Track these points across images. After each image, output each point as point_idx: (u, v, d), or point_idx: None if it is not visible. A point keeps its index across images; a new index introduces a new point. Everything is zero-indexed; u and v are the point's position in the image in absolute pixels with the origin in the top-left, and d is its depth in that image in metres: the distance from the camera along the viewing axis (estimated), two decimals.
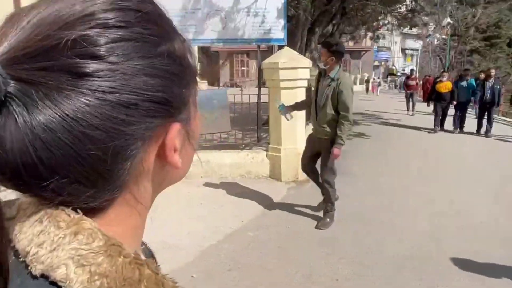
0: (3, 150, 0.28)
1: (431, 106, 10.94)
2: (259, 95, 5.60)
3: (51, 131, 0.28)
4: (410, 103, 14.89)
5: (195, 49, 5.33)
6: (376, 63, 50.06)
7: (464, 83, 9.37)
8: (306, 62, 5.27)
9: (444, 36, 32.32)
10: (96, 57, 0.29)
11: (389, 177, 5.82)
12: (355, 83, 35.91)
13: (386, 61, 53.05)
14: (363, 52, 42.04)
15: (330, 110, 3.62)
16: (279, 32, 5.34)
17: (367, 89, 31.65)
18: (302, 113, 5.52)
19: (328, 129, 3.71)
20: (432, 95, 10.75)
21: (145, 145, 0.33)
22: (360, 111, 16.12)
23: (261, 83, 5.54)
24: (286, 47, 5.35)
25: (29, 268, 0.30)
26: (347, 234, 3.83)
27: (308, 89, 5.33)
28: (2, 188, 0.31)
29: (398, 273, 3.09)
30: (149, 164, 0.35)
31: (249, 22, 5.27)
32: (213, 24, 5.21)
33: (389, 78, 45.67)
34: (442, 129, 10.17)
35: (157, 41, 0.33)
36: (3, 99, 0.27)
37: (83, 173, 0.31)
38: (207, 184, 5.25)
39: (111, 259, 0.31)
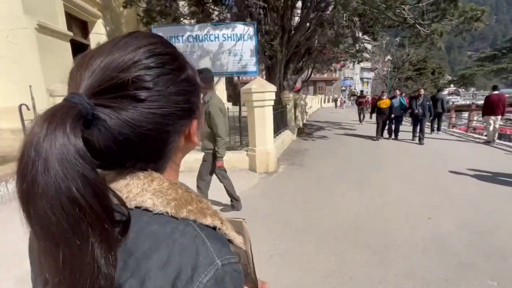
0: (94, 148, 0.32)
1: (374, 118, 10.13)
2: (240, 111, 5.19)
3: (123, 134, 0.33)
4: (361, 116, 14.21)
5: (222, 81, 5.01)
6: (343, 88, 50.51)
7: (395, 101, 8.66)
8: (272, 87, 4.84)
9: (386, 69, 31.76)
10: (146, 88, 0.34)
11: (333, 168, 5.32)
12: (327, 102, 35.56)
13: (350, 86, 53.04)
14: (334, 81, 41.37)
15: (206, 128, 2.92)
16: (252, 67, 4.93)
17: (335, 105, 31.79)
18: (271, 122, 5.11)
19: (209, 144, 2.98)
20: (374, 109, 9.88)
21: (180, 134, 0.39)
22: (327, 120, 15.54)
23: (241, 103, 5.12)
24: (258, 77, 4.95)
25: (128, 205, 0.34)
26: (292, 210, 3.39)
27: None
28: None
29: (329, 241, 2.65)
30: (181, 143, 0.41)
31: (230, 60, 4.88)
32: (204, 62, 4.84)
33: (351, 98, 45.45)
34: (381, 137, 8.92)
35: (180, 72, 0.38)
36: (91, 118, 0.31)
37: (146, 155, 0.37)
38: None
39: (175, 191, 0.37)
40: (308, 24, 7.70)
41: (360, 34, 11.67)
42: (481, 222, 3.04)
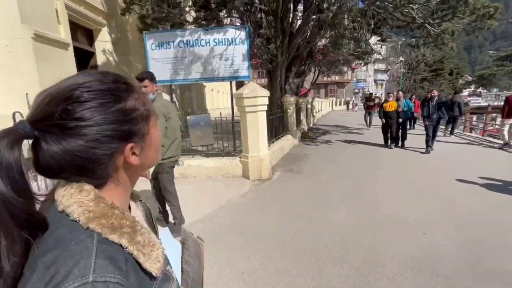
0: (40, 163, 0.41)
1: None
2: (232, 117, 5.07)
3: (58, 154, 0.40)
4: (368, 120, 13.39)
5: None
6: (356, 90, 49.86)
7: (400, 104, 7.65)
8: (264, 92, 4.68)
9: (401, 70, 30.79)
10: (73, 119, 0.40)
11: (330, 176, 5.06)
12: (339, 104, 34.81)
13: (364, 88, 52.18)
14: (346, 83, 40.61)
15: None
16: (244, 71, 4.79)
17: (347, 108, 30.87)
18: (264, 128, 4.94)
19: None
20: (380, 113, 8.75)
21: (112, 155, 0.44)
22: (335, 123, 15.14)
23: (233, 108, 4.99)
24: (251, 82, 4.80)
25: (58, 208, 0.42)
26: (276, 222, 3.19)
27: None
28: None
29: (308, 257, 2.45)
30: (120, 163, 0.46)
31: (222, 65, 4.77)
32: (196, 67, 4.77)
33: (365, 99, 44.68)
34: (390, 144, 7.66)
35: (112, 105, 0.43)
36: (34, 139, 0.41)
37: (80, 171, 0.42)
38: (196, 181, 4.80)
39: (97, 204, 0.42)
40: (308, 27, 7.50)
41: (368, 36, 11.35)
42: (483, 241, 2.73)
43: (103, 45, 8.55)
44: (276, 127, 6.83)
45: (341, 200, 3.84)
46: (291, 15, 7.51)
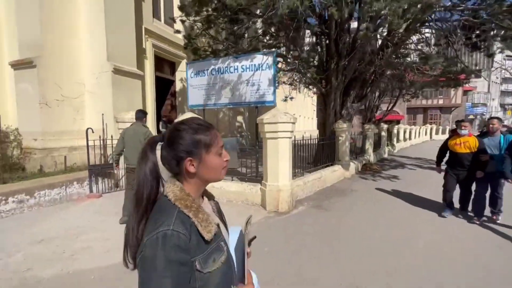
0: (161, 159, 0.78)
1: None
2: (257, 143, 4.92)
3: (162, 156, 0.77)
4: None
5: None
6: (472, 116, 40.63)
7: (490, 141, 3.95)
8: (286, 118, 4.35)
9: None
10: (165, 146, 0.77)
11: (361, 221, 4.09)
12: (441, 133, 28.76)
13: (483, 114, 42.15)
14: (453, 108, 33.45)
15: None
16: (270, 96, 4.62)
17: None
18: (286, 157, 4.54)
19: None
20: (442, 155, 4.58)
21: (178, 165, 0.75)
22: (422, 156, 12.47)
23: (258, 133, 4.86)
24: (276, 107, 4.58)
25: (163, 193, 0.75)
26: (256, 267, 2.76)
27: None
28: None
29: None
30: (183, 169, 0.75)
31: (248, 90, 4.75)
32: (225, 93, 4.93)
33: (484, 129, 35.34)
34: (450, 210, 4.33)
35: (176, 141, 0.75)
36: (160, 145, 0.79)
37: (170, 166, 0.77)
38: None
39: (181, 192, 0.73)
40: (367, 48, 6.67)
41: (461, 52, 9.15)
42: None
43: (181, 75, 10.06)
44: (322, 155, 6.20)
45: (351, 255, 3.03)
46: (348, 35, 6.89)
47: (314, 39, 7.34)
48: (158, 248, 0.63)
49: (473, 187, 4.16)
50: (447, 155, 4.43)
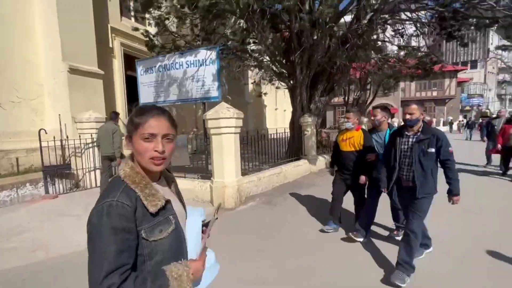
0: None
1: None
2: (205, 139, 4.85)
3: None
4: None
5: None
6: (468, 107, 40.28)
7: (375, 136, 3.15)
8: (229, 113, 4.27)
9: None
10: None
11: (310, 215, 3.99)
12: (437, 125, 28.50)
13: (479, 105, 41.72)
14: (447, 100, 33.04)
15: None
16: (214, 92, 4.53)
17: (450, 129, 26.87)
18: (231, 153, 4.47)
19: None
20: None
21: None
22: None
23: (205, 130, 4.79)
24: (222, 103, 4.49)
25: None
26: None
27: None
28: None
29: None
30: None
31: (194, 86, 4.67)
32: (173, 89, 4.86)
33: (480, 120, 34.96)
34: None
35: (131, 118, 0.82)
36: None
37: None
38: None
39: (131, 170, 0.79)
40: (328, 41, 6.53)
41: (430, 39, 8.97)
42: None
43: None
44: (292, 150, 6.13)
45: (282, 251, 2.96)
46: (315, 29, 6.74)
47: (277, 32, 7.21)
48: (103, 216, 0.69)
49: None
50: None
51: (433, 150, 2.24)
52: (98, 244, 0.67)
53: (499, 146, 5.91)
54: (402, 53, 8.54)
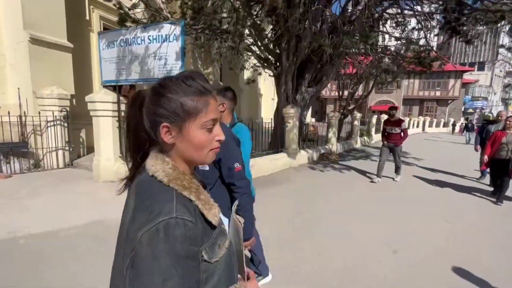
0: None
1: None
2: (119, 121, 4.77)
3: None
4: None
5: None
6: (471, 110, 39.83)
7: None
8: (106, 97, 4.56)
9: None
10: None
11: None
12: (436, 126, 27.90)
13: (483, 108, 41.23)
14: (450, 101, 32.22)
15: None
16: (177, 72, 4.03)
17: (453, 131, 26.22)
18: (109, 134, 4.71)
19: None
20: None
21: (157, 132, 0.61)
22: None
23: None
24: (103, 89, 4.46)
25: (149, 173, 0.59)
26: None
27: None
28: None
29: None
30: (161, 139, 0.61)
31: (156, 65, 4.18)
32: (134, 67, 4.37)
33: (482, 124, 34.39)
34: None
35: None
36: None
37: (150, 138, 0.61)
38: None
39: (173, 170, 0.58)
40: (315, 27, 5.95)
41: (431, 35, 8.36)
42: None
43: None
44: (275, 141, 5.70)
45: None
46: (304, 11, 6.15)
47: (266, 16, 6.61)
48: (161, 242, 0.49)
49: None
50: None
51: None
52: (153, 282, 0.48)
53: (485, 157, 4.58)
54: (399, 44, 7.94)
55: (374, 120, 13.19)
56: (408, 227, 3.45)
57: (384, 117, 10.78)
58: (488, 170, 5.18)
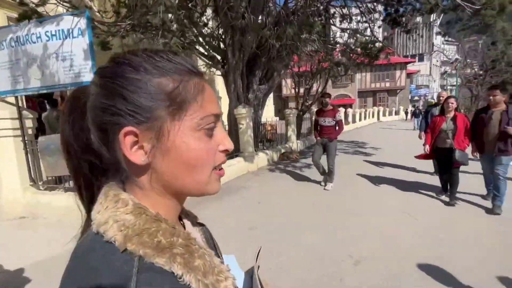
0: None
1: None
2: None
3: None
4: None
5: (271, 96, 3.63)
6: (416, 98, 43.95)
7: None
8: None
9: (476, 70, 24.32)
10: None
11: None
12: (389, 115, 29.83)
13: (426, 95, 45.77)
14: (398, 90, 34.78)
15: None
16: (88, 75, 3.24)
17: (406, 117, 28.09)
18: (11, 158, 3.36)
19: None
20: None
21: (109, 143, 0.35)
22: (356, 139, 12.04)
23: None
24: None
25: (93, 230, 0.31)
26: None
27: None
28: None
29: None
30: (120, 157, 0.34)
31: (60, 68, 3.33)
32: (33, 72, 3.46)
33: (425, 109, 38.46)
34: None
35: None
36: None
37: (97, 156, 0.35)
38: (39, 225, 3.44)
39: (136, 216, 0.30)
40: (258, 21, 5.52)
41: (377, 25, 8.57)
42: None
43: None
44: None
45: None
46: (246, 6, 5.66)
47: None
48: None
49: None
50: None
51: None
52: None
53: (427, 147, 3.86)
54: (346, 37, 7.91)
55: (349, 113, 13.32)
56: (365, 235, 3.11)
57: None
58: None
